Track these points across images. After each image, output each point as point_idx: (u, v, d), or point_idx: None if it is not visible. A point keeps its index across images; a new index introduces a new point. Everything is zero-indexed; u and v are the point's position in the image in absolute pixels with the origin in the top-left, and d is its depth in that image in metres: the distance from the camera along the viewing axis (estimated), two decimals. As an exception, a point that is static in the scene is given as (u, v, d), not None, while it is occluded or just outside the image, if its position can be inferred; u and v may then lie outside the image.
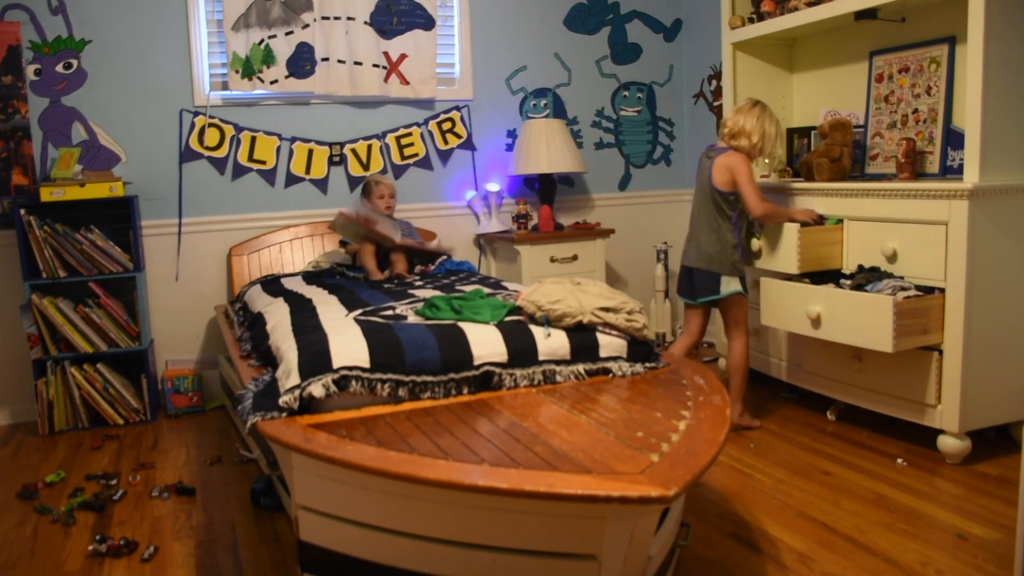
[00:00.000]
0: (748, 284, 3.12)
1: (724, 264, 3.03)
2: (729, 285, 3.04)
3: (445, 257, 3.82)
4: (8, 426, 3.66)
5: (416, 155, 4.26)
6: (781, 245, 3.09)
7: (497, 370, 2.13)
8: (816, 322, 2.89)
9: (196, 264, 3.93)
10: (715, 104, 4.53)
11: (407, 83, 4.14)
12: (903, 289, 2.71)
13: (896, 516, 2.36)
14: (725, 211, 3.03)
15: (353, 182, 4.13)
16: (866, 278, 2.83)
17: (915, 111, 3.12)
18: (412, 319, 2.36)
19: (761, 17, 3.57)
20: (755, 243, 3.22)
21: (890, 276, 2.81)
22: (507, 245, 4.18)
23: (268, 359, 2.34)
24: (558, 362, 2.21)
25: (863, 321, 2.70)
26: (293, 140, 4.03)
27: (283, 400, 1.93)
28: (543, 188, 4.30)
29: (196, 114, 3.86)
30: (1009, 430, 2.87)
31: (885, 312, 2.61)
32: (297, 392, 1.94)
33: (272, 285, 3.34)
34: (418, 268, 3.66)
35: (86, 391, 3.51)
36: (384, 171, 4.19)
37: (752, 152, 3.03)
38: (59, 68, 3.65)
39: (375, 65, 4.07)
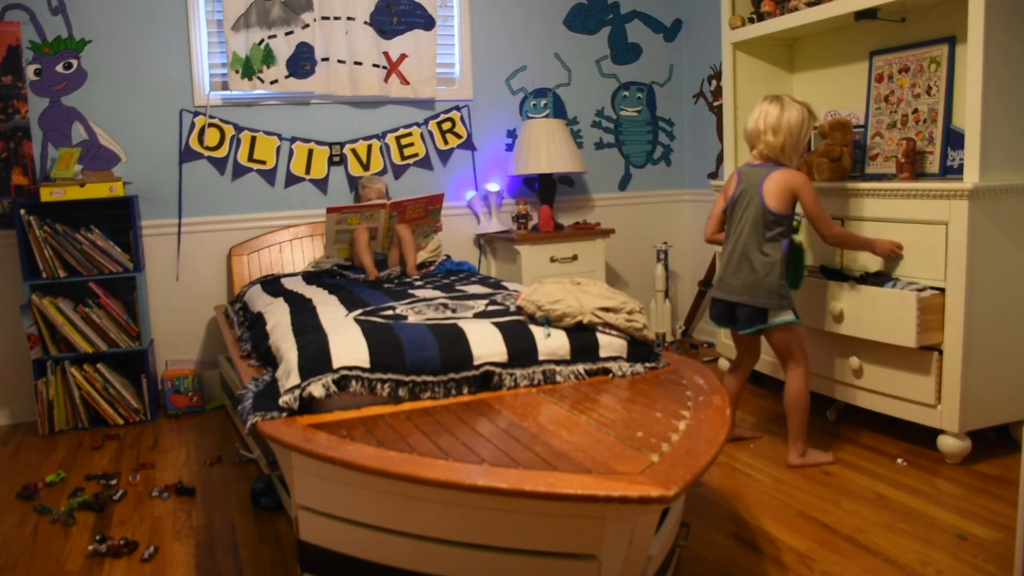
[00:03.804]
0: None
1: (773, 296, 2.65)
2: (779, 315, 2.69)
3: (445, 257, 3.82)
4: (8, 426, 3.66)
5: (416, 155, 4.25)
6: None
7: (497, 370, 2.13)
8: (839, 318, 2.89)
9: (196, 264, 3.93)
10: (715, 104, 4.53)
11: (407, 83, 4.14)
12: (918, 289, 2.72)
13: (896, 516, 2.36)
14: (777, 236, 2.67)
15: (353, 182, 4.12)
16: (876, 281, 2.84)
17: (915, 111, 3.12)
18: (412, 319, 2.36)
19: (761, 17, 3.57)
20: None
21: (896, 280, 2.82)
22: (507, 245, 4.18)
23: (268, 359, 2.35)
24: (558, 362, 2.21)
25: (887, 317, 2.72)
26: (293, 140, 4.03)
27: (283, 400, 1.93)
28: (543, 188, 4.30)
29: (196, 114, 3.86)
30: (1009, 430, 2.87)
31: (909, 307, 2.63)
32: (297, 392, 1.94)
33: (272, 285, 3.34)
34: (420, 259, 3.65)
35: (86, 391, 3.51)
36: (384, 171, 4.19)
37: (785, 157, 2.68)
38: (59, 68, 3.65)
39: (375, 65, 4.07)
